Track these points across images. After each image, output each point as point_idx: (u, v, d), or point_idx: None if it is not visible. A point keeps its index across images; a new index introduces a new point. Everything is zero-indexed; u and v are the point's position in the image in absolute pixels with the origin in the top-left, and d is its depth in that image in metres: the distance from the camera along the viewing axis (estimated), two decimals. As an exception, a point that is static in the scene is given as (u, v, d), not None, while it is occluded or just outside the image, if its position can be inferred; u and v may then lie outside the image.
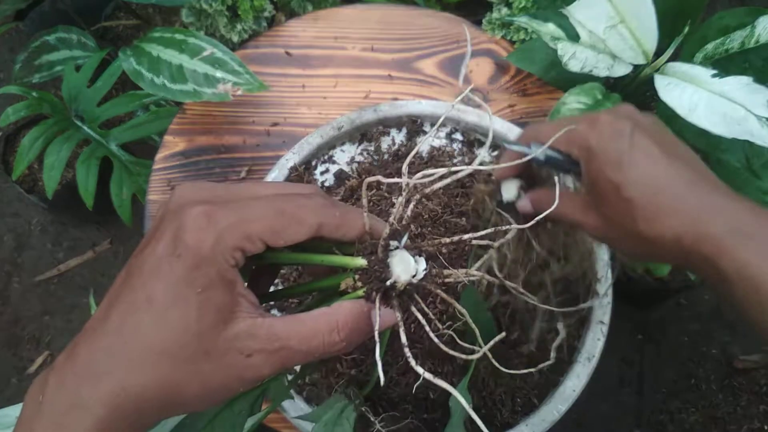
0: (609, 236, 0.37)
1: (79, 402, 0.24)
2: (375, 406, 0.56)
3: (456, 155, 0.66)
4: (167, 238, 0.25)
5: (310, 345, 0.26)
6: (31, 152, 0.90)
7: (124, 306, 0.25)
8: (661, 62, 0.61)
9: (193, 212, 0.25)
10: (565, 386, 0.54)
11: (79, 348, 0.25)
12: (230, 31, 0.87)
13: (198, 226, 0.25)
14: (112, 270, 1.31)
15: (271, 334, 0.25)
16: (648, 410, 1.17)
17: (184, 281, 0.24)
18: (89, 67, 0.91)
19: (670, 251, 0.34)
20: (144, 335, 0.24)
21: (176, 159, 0.73)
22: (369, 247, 0.28)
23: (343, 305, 0.27)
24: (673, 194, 0.33)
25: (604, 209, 0.36)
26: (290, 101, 0.75)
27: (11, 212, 1.36)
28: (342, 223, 0.28)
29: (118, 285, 0.26)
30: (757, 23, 0.55)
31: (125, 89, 1.17)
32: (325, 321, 0.26)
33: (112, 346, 0.24)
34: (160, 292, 0.24)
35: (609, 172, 0.35)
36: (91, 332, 0.25)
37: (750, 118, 0.51)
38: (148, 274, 0.25)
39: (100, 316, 0.26)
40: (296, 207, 0.27)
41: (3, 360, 1.24)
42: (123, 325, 0.24)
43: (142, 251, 0.26)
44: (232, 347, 0.25)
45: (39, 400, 0.25)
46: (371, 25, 0.78)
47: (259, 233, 0.25)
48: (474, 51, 0.77)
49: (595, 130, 0.36)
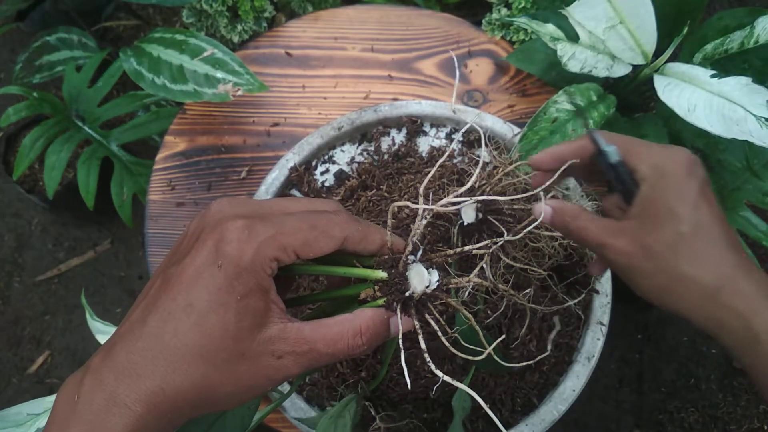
0: (635, 265, 0.36)
1: (118, 401, 0.25)
2: (375, 406, 0.56)
3: (456, 155, 0.66)
4: (208, 249, 0.27)
5: (335, 348, 0.28)
6: (32, 152, 0.90)
7: (163, 311, 0.26)
8: (661, 63, 0.61)
9: (235, 225, 0.27)
10: (565, 386, 0.54)
11: (117, 349, 0.27)
12: (231, 31, 0.87)
13: (239, 238, 0.27)
14: (113, 270, 1.31)
15: (300, 337, 0.28)
16: (647, 410, 1.17)
17: (225, 289, 0.26)
18: (90, 68, 0.91)
19: (699, 299, 0.34)
20: (183, 339, 0.26)
21: (177, 159, 0.73)
22: (389, 262, 0.31)
23: (366, 312, 0.30)
24: (722, 246, 0.34)
25: (649, 237, 0.35)
26: (290, 101, 0.75)
27: (12, 212, 1.36)
28: (364, 237, 0.31)
29: (155, 291, 0.28)
30: (757, 23, 0.56)
31: (126, 90, 1.18)
32: (350, 326, 0.29)
33: (152, 349, 0.26)
34: (200, 299, 0.26)
35: (673, 201, 0.35)
36: (129, 335, 0.27)
37: (749, 118, 0.51)
38: (188, 282, 0.27)
39: (136, 320, 0.27)
40: (326, 222, 0.29)
41: (3, 360, 1.24)
42: (162, 329, 0.26)
43: (180, 261, 0.28)
44: (265, 350, 0.27)
45: (74, 399, 0.26)
46: (371, 26, 0.79)
47: (293, 245, 0.28)
48: (474, 51, 0.77)
49: (672, 158, 0.36)
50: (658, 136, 0.63)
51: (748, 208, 0.67)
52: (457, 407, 0.49)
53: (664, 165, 0.36)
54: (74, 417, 0.25)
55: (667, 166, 0.35)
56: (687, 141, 0.68)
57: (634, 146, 0.37)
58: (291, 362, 0.28)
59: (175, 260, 0.28)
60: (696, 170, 0.35)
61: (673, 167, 0.35)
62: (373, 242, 0.31)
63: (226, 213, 0.29)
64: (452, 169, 0.64)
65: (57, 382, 1.21)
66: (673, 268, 0.34)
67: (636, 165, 0.36)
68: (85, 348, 1.24)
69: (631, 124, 0.66)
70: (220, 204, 0.29)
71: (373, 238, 0.31)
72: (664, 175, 0.35)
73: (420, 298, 0.31)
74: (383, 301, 0.31)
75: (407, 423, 0.55)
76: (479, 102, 0.74)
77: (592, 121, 0.59)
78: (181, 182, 0.72)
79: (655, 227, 0.35)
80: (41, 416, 0.44)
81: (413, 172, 0.65)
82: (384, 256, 0.32)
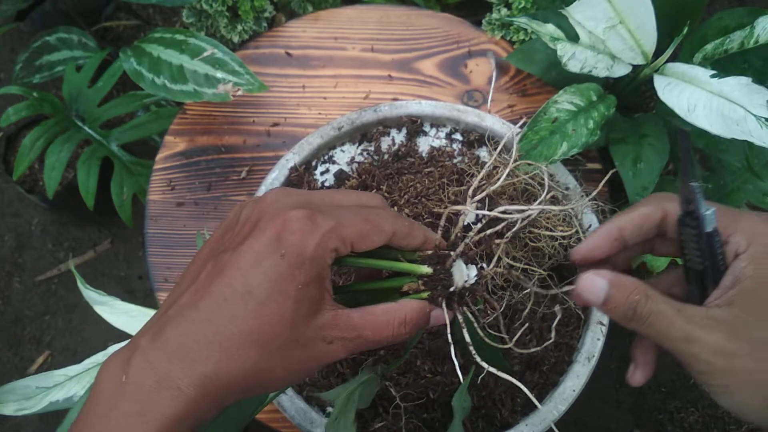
0: (738, 369, 0.27)
1: (170, 383, 0.26)
2: (375, 406, 0.56)
3: (456, 155, 0.66)
4: (268, 237, 0.27)
5: (381, 335, 0.30)
6: (32, 152, 0.90)
7: (218, 297, 0.27)
8: (661, 63, 0.61)
9: (297, 215, 0.28)
10: (565, 386, 0.54)
11: (168, 332, 0.27)
12: (231, 31, 0.87)
13: (302, 228, 0.27)
14: (113, 270, 1.31)
15: (349, 324, 0.29)
16: (647, 410, 1.17)
17: (286, 278, 0.27)
18: (90, 68, 0.91)
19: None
20: (240, 325, 0.26)
21: (177, 159, 0.73)
22: (434, 258, 0.33)
23: (411, 303, 0.31)
24: None
25: (755, 329, 0.27)
26: (290, 101, 0.75)
27: (12, 212, 1.36)
28: (410, 233, 0.32)
29: (206, 276, 0.28)
30: (757, 23, 0.56)
31: (126, 90, 1.17)
32: (396, 315, 0.30)
33: (206, 333, 0.26)
34: (260, 286, 0.27)
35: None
36: (180, 318, 0.27)
37: (749, 118, 0.51)
38: (247, 269, 0.27)
39: (186, 304, 0.27)
40: (376, 216, 0.30)
41: (3, 360, 1.24)
42: (217, 314, 0.27)
43: (236, 247, 0.28)
44: (317, 335, 0.28)
45: (121, 378, 0.26)
46: (371, 26, 0.79)
47: (350, 237, 0.29)
48: (474, 51, 0.77)
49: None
50: (658, 136, 0.63)
51: (748, 208, 0.67)
52: (457, 407, 0.49)
53: None
54: (123, 396, 0.26)
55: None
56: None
57: (723, 212, 0.29)
58: (339, 347, 0.29)
59: (228, 246, 0.29)
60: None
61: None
62: (417, 238, 0.32)
63: (283, 203, 0.29)
64: (452, 169, 0.64)
65: (57, 382, 1.21)
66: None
67: (729, 236, 0.29)
68: (85, 348, 1.24)
69: (631, 124, 0.66)
70: (276, 194, 0.30)
71: (417, 234, 0.32)
72: None
73: (459, 291, 0.33)
74: (427, 295, 0.33)
75: (407, 423, 0.55)
76: (479, 102, 0.74)
77: (592, 121, 0.59)
78: (181, 182, 0.72)
79: (762, 316, 0.27)
80: (52, 390, 0.44)
81: (413, 172, 0.65)
82: (428, 252, 0.33)
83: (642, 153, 0.62)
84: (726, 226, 0.29)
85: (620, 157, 0.62)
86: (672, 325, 0.28)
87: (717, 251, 0.29)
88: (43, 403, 0.44)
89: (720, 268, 0.29)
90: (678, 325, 0.28)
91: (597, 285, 0.30)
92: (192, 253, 0.68)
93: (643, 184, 0.60)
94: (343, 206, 0.31)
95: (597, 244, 0.32)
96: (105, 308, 0.47)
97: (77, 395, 0.44)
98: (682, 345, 0.28)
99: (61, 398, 0.44)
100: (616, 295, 0.29)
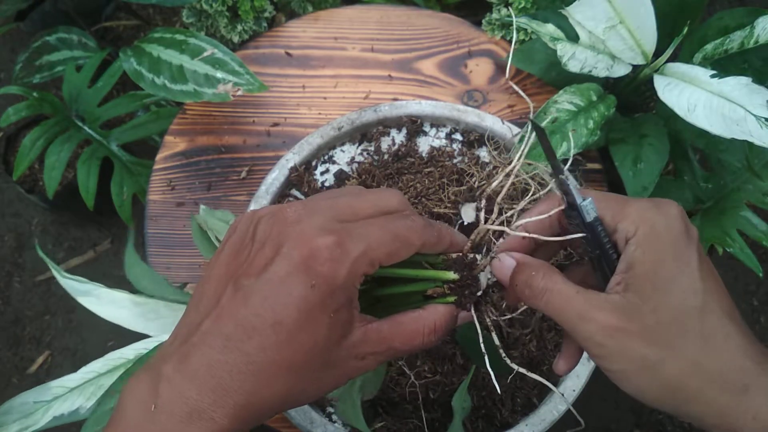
0: (629, 350, 0.27)
1: (203, 414, 0.26)
2: (375, 407, 0.56)
3: (456, 155, 0.66)
4: (294, 264, 0.26)
5: (412, 344, 0.29)
6: (31, 152, 0.90)
7: (246, 326, 0.26)
8: (661, 63, 0.61)
9: (326, 243, 0.26)
10: (565, 386, 0.54)
11: (194, 361, 0.26)
12: (231, 31, 0.87)
13: (332, 257, 0.26)
14: (113, 270, 1.31)
15: (380, 337, 0.29)
16: (647, 410, 1.17)
17: (318, 307, 0.26)
18: (90, 68, 0.91)
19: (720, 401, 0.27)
20: (272, 355, 0.26)
21: (177, 159, 0.73)
22: (460, 264, 0.32)
23: (438, 309, 0.31)
24: (736, 328, 0.28)
25: (648, 312, 0.27)
26: (290, 101, 0.75)
27: (12, 212, 1.36)
28: (438, 242, 0.31)
29: (228, 302, 0.27)
30: (757, 23, 0.56)
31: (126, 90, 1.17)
32: (424, 323, 0.30)
33: (237, 364, 0.26)
34: (290, 317, 0.26)
35: (675, 268, 0.27)
36: (205, 347, 0.26)
37: (749, 118, 0.51)
38: (274, 298, 0.26)
39: (210, 331, 0.27)
40: (406, 230, 0.29)
41: (3, 360, 1.24)
42: (247, 344, 0.26)
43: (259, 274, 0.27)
44: (349, 354, 0.28)
45: (149, 408, 0.26)
46: (371, 26, 0.79)
47: (380, 258, 0.28)
48: (474, 51, 0.77)
49: (665, 213, 0.28)
50: (658, 136, 0.63)
51: (748, 208, 0.67)
52: (457, 407, 0.50)
53: (656, 222, 0.28)
54: (154, 425, 0.26)
55: (659, 223, 0.28)
56: (687, 141, 0.68)
57: (611, 200, 0.29)
58: (372, 361, 0.29)
59: (249, 271, 0.27)
60: (691, 228, 0.29)
61: (667, 224, 0.28)
62: (444, 245, 0.31)
63: (306, 225, 0.27)
64: (452, 169, 0.64)
65: (57, 382, 1.21)
66: (684, 356, 0.27)
67: (617, 222, 0.29)
68: (85, 348, 1.24)
69: (631, 124, 0.66)
70: (297, 212, 0.28)
71: (444, 241, 0.31)
72: (658, 236, 0.28)
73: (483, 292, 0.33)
74: (453, 299, 0.32)
75: (407, 423, 0.55)
76: (479, 102, 0.74)
77: (592, 121, 0.59)
78: (181, 182, 0.72)
79: (654, 300, 0.27)
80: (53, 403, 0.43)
81: (413, 172, 0.65)
82: (452, 256, 0.33)
83: (642, 153, 0.62)
84: (615, 214, 0.29)
85: (620, 157, 0.62)
86: (568, 304, 0.28)
87: (603, 239, 0.29)
88: (46, 418, 0.43)
89: (611, 255, 0.29)
90: (574, 304, 0.28)
91: (506, 264, 0.31)
92: (192, 253, 0.68)
93: (643, 184, 0.60)
94: (369, 221, 0.29)
95: (510, 246, 0.32)
96: (90, 299, 0.45)
97: (83, 408, 0.43)
98: (576, 323, 0.28)
99: (66, 411, 0.43)
100: (519, 274, 0.30)
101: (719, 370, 0.27)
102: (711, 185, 0.71)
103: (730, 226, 0.67)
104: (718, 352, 0.27)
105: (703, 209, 0.71)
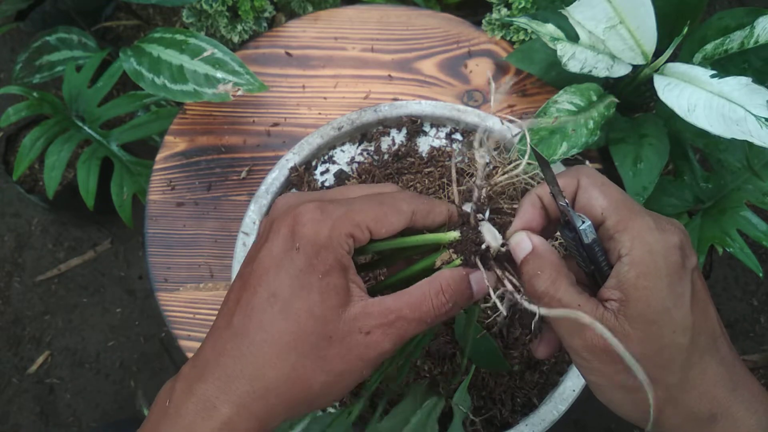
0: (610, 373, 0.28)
1: (208, 403, 0.25)
2: (375, 406, 0.56)
3: (456, 155, 0.66)
4: (282, 236, 0.27)
5: (421, 310, 0.28)
6: (31, 152, 0.90)
7: (246, 308, 0.27)
8: (661, 63, 0.61)
9: (307, 207, 0.27)
10: (565, 386, 0.54)
11: (205, 354, 0.27)
12: (231, 31, 0.88)
13: (313, 218, 0.27)
14: (113, 270, 1.31)
15: (384, 308, 0.28)
16: (648, 410, 1.17)
17: (305, 270, 0.26)
18: (90, 68, 0.91)
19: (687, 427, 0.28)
20: (270, 330, 0.26)
21: (177, 159, 0.73)
22: (460, 219, 0.31)
23: (444, 272, 0.29)
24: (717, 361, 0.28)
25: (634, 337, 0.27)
26: (290, 101, 0.75)
27: (12, 212, 1.36)
28: (431, 209, 0.30)
29: (235, 294, 0.28)
30: (757, 23, 0.56)
31: (126, 90, 1.17)
32: (430, 287, 0.29)
33: (239, 347, 0.26)
34: (282, 285, 0.26)
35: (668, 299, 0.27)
36: (215, 339, 0.27)
37: (749, 118, 0.51)
38: (268, 273, 0.27)
39: (221, 325, 0.27)
40: (392, 199, 0.29)
41: (3, 360, 1.24)
42: (248, 325, 0.26)
43: (255, 257, 0.28)
44: (352, 328, 0.27)
45: (165, 404, 0.26)
46: (371, 26, 0.79)
47: (365, 221, 0.28)
48: (474, 51, 0.77)
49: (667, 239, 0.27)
50: (658, 136, 0.63)
51: (748, 208, 0.67)
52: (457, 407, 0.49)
53: (654, 248, 0.27)
54: (166, 420, 0.26)
55: (657, 250, 0.27)
56: (687, 141, 0.68)
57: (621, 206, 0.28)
58: (380, 336, 0.27)
59: (249, 259, 0.29)
60: (691, 258, 0.28)
61: (665, 254, 0.27)
62: (441, 213, 0.31)
63: (292, 202, 0.29)
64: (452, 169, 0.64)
65: (57, 382, 1.21)
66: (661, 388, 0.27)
67: (617, 232, 0.28)
68: (85, 348, 1.24)
69: (631, 124, 0.66)
70: (286, 197, 0.30)
71: (439, 209, 0.31)
72: (656, 262, 0.27)
73: (496, 255, 0.30)
74: (460, 260, 0.30)
75: (407, 423, 0.55)
76: (479, 102, 0.74)
77: (592, 121, 0.59)
78: (181, 182, 0.72)
79: (643, 331, 0.27)
80: None
81: (413, 172, 0.65)
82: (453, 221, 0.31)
83: (642, 153, 0.62)
84: (618, 222, 0.28)
85: (620, 157, 0.62)
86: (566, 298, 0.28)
87: (599, 258, 0.29)
88: None
89: (605, 272, 0.29)
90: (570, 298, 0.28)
91: (522, 246, 0.29)
92: (192, 253, 0.68)
93: (643, 184, 0.60)
94: (356, 197, 0.30)
95: (531, 216, 0.30)
96: None
97: None
98: (565, 335, 0.28)
99: None
100: (527, 265, 0.29)
101: (690, 402, 0.27)
102: (711, 185, 0.71)
103: (730, 226, 0.67)
104: (692, 384, 0.27)
105: (703, 209, 0.71)
